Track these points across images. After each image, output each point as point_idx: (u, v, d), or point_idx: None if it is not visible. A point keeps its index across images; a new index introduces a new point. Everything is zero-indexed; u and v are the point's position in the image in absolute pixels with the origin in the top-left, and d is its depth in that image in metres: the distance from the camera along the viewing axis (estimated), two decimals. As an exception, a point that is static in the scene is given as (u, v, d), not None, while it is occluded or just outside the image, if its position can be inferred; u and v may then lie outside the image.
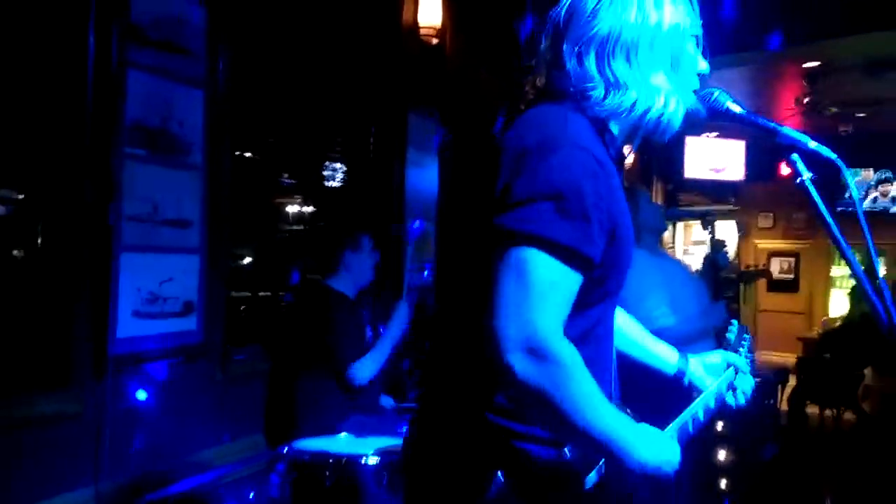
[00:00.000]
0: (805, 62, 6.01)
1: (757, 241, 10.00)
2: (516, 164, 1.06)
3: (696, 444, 1.58)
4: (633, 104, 1.13)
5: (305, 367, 2.73)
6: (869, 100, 6.96)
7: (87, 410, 2.33)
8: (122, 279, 2.37)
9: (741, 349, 1.60)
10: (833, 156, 1.20)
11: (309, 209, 3.76)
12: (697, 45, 1.24)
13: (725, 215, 9.80)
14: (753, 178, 8.37)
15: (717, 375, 1.53)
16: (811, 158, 1.23)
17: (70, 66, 2.28)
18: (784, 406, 6.29)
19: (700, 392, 1.49)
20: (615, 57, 1.13)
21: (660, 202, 9.39)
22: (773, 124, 1.25)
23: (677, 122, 1.20)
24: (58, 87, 2.28)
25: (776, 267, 9.38)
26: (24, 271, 2.29)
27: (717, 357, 1.57)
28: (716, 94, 1.28)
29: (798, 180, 1.22)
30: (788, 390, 6.41)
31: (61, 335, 2.30)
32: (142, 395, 2.49)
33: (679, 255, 9.62)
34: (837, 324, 8.53)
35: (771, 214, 9.79)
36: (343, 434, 2.55)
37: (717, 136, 8.11)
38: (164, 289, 2.52)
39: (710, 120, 1.32)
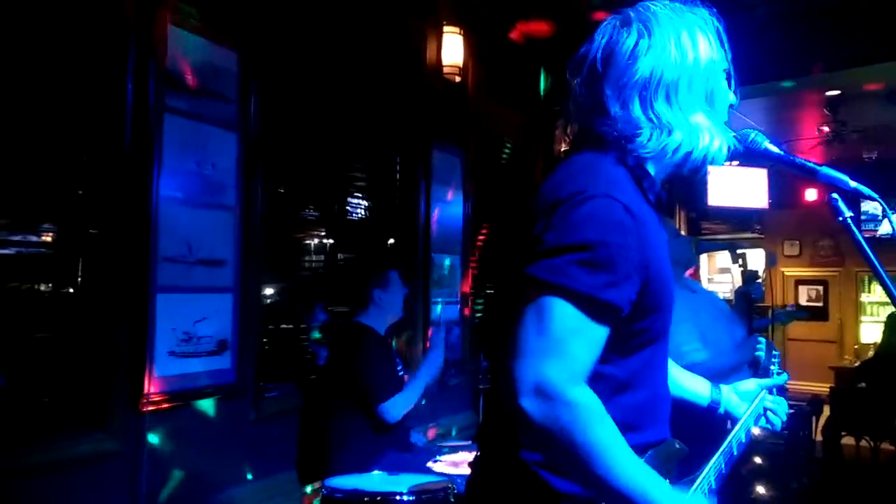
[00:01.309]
0: (826, 91, 6.01)
1: (784, 269, 9.88)
2: (548, 215, 1.07)
3: (732, 479, 1.57)
4: (679, 145, 1.14)
5: (338, 405, 2.75)
6: (888, 126, 6.93)
7: (125, 449, 2.35)
8: (158, 319, 2.41)
9: (772, 367, 1.62)
10: (873, 194, 1.20)
11: (336, 243, 3.80)
12: (728, 78, 1.24)
13: (751, 243, 9.72)
14: (777, 206, 8.31)
15: (750, 401, 1.57)
16: (849, 196, 1.24)
17: (109, 111, 2.35)
18: (819, 437, 6.15)
19: (735, 419, 1.52)
20: (657, 98, 1.14)
21: (683, 231, 9.36)
22: (811, 164, 1.26)
23: (721, 158, 1.20)
24: (98, 131, 2.36)
25: (804, 295, 9.25)
26: (63, 312, 2.34)
27: (750, 384, 1.61)
28: (752, 135, 1.30)
29: (840, 219, 1.22)
30: (822, 421, 6.27)
31: (100, 375, 2.33)
32: (177, 434, 2.50)
33: (704, 283, 9.52)
34: (871, 352, 8.38)
35: (797, 242, 9.68)
36: (376, 472, 2.54)
37: (739, 165, 8.10)
38: (198, 328, 2.55)
39: (747, 160, 1.33)
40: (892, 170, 8.28)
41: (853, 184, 1.22)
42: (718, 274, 9.60)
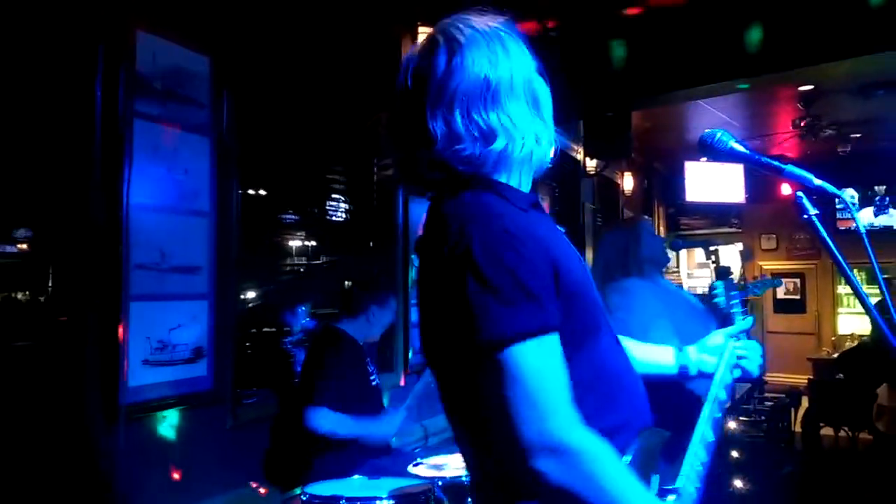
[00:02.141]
0: (799, 86, 6.08)
1: (761, 262, 9.99)
2: (451, 278, 1.01)
3: (711, 474, 1.57)
4: (508, 151, 1.11)
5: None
6: (862, 120, 7.03)
7: (99, 461, 2.32)
8: (131, 328, 2.38)
9: (734, 311, 1.60)
10: (838, 192, 1.22)
11: (316, 246, 3.79)
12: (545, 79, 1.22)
13: (729, 238, 9.82)
14: (754, 200, 8.40)
15: (720, 355, 1.53)
16: (815, 193, 1.25)
17: (78, 117, 2.32)
18: (798, 428, 6.24)
19: (710, 377, 1.49)
20: (482, 108, 1.10)
21: (662, 227, 9.43)
22: (776, 163, 1.27)
23: (547, 159, 1.19)
24: (66, 137, 2.32)
25: (781, 288, 9.36)
26: (33, 322, 2.30)
27: (717, 337, 1.58)
28: (719, 134, 1.30)
29: (805, 216, 1.23)
30: (801, 412, 6.36)
31: (72, 386, 2.30)
32: (153, 443, 2.48)
33: (683, 278, 9.60)
34: (848, 343, 8.51)
35: (774, 236, 9.79)
36: (356, 477, 2.53)
37: (708, 161, 8.19)
38: (173, 336, 2.53)
39: (713, 159, 1.33)
40: (866, 163, 8.40)
41: (818, 181, 1.23)
42: (697, 269, 9.69)
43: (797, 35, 4.37)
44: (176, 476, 2.55)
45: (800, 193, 1.23)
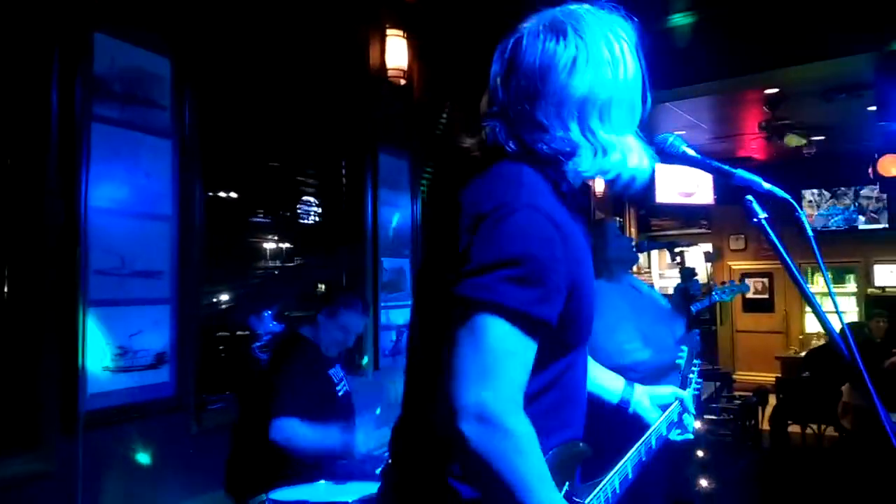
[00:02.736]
0: (765, 89, 6.18)
1: (730, 262, 10.14)
2: (473, 230, 1.04)
3: (673, 470, 1.59)
4: (613, 167, 1.14)
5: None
6: (826, 123, 7.17)
7: (58, 469, 2.27)
8: (90, 334, 2.34)
9: (691, 376, 1.63)
10: (786, 195, 1.23)
11: (284, 249, 3.76)
12: (644, 91, 1.23)
13: (698, 239, 9.94)
14: (723, 202, 8.52)
15: (662, 408, 1.56)
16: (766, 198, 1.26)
17: (33, 120, 2.27)
18: (766, 426, 6.33)
19: (643, 422, 1.52)
20: (593, 118, 1.13)
21: (633, 228, 9.52)
22: (727, 167, 1.28)
23: (646, 176, 1.20)
24: (20, 140, 2.27)
25: (751, 288, 9.50)
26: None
27: (666, 390, 1.60)
28: (671, 139, 1.31)
29: (755, 220, 1.25)
30: (769, 410, 6.46)
31: (29, 393, 2.25)
32: (113, 451, 2.43)
33: (655, 279, 9.70)
34: (814, 342, 8.66)
35: (742, 236, 9.94)
36: (322, 482, 2.51)
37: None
38: (134, 342, 2.49)
39: (665, 163, 1.34)
40: (830, 164, 8.57)
41: (767, 185, 1.24)
42: (668, 269, 9.79)
43: (761, 39, 4.45)
44: (138, 485, 2.51)
45: (749, 197, 1.24)
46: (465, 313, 1.01)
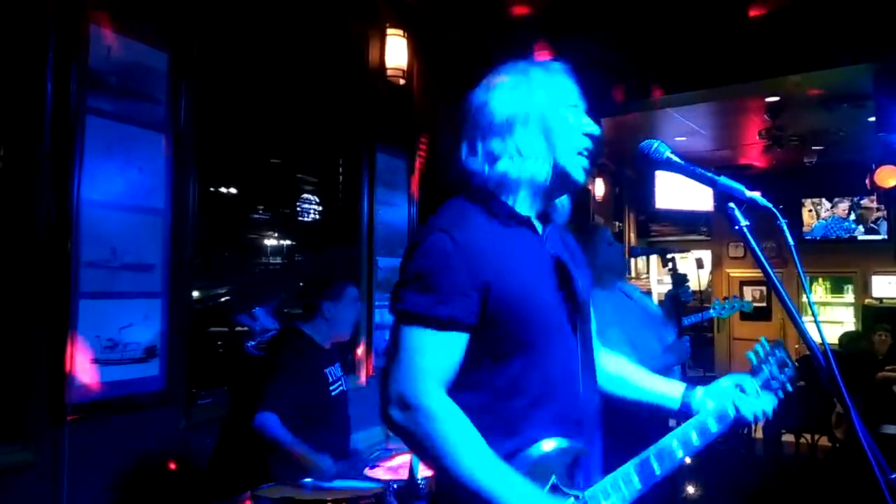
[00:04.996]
0: (766, 97, 6.18)
1: (728, 270, 10.13)
2: (404, 257, 1.31)
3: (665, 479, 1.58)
4: (513, 174, 1.32)
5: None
6: (827, 132, 7.16)
7: (44, 461, 2.27)
8: (79, 326, 2.34)
9: (765, 367, 1.59)
10: (768, 204, 1.23)
11: (284, 244, 3.76)
12: (580, 111, 1.39)
13: (698, 245, 9.94)
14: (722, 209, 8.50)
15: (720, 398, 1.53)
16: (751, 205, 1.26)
17: (27, 111, 2.27)
18: (759, 435, 6.32)
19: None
20: (493, 137, 1.34)
21: (632, 233, 9.52)
22: (710, 174, 1.28)
23: (570, 181, 1.37)
24: (14, 133, 2.27)
25: (749, 296, 9.48)
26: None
27: (727, 381, 1.58)
28: (656, 145, 1.32)
29: (736, 228, 1.25)
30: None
31: (16, 384, 2.25)
32: (101, 444, 2.43)
33: (653, 285, 9.70)
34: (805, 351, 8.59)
35: (741, 244, 9.89)
36: (308, 480, 2.51)
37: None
38: (123, 335, 2.49)
39: (650, 168, 1.35)
40: (830, 174, 8.57)
41: (749, 193, 1.25)
42: (666, 275, 9.79)
43: (763, 47, 4.45)
44: (125, 478, 2.51)
45: (731, 205, 1.25)
46: (393, 323, 1.28)
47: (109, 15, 2.46)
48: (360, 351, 3.86)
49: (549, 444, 1.26)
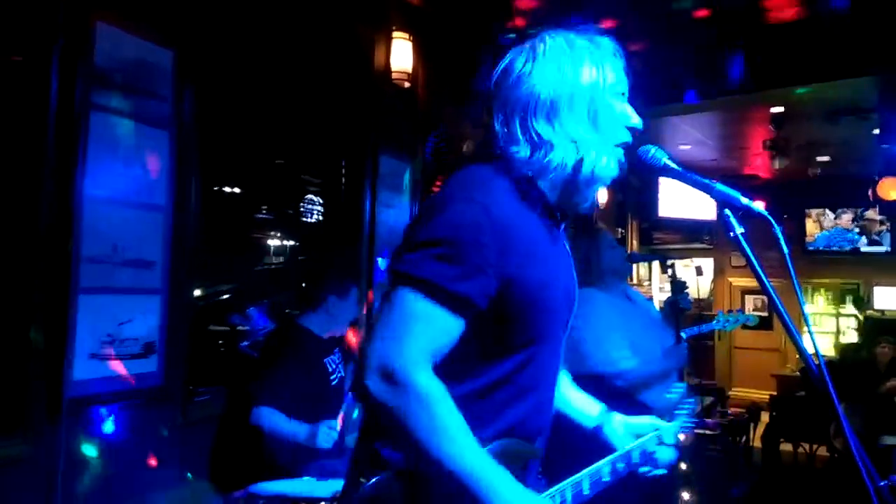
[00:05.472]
0: (771, 107, 6.18)
1: (731, 279, 10.11)
2: (417, 217, 1.17)
3: (658, 485, 1.57)
4: (557, 162, 1.20)
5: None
6: (830, 144, 7.16)
7: (41, 454, 2.28)
8: (79, 321, 2.35)
9: (680, 412, 1.58)
10: (763, 212, 1.24)
11: (287, 244, 3.78)
12: (626, 100, 1.29)
13: (701, 254, 9.92)
14: (726, 218, 8.49)
15: (635, 438, 1.50)
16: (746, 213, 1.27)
17: (32, 107, 2.29)
18: (757, 443, 6.31)
19: (612, 450, 1.46)
20: (537, 118, 1.21)
21: (635, 240, 9.51)
22: (706, 181, 1.28)
23: (607, 174, 1.26)
24: (18, 128, 2.29)
25: (750, 305, 9.47)
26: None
27: (645, 419, 1.55)
28: (653, 150, 1.31)
29: (731, 234, 1.25)
30: (761, 428, 6.44)
31: (15, 378, 2.26)
32: (98, 438, 2.44)
33: (654, 291, 9.69)
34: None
35: (743, 253, 9.91)
36: (305, 478, 2.52)
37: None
38: (123, 330, 2.50)
39: (647, 174, 1.35)
40: (835, 185, 8.56)
41: (745, 200, 1.24)
42: (668, 282, 9.78)
43: (769, 59, 4.45)
44: (121, 473, 2.52)
45: (727, 212, 1.25)
46: (391, 286, 1.13)
47: (115, 12, 2.47)
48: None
49: (511, 445, 1.21)
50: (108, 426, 2.49)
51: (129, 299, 2.53)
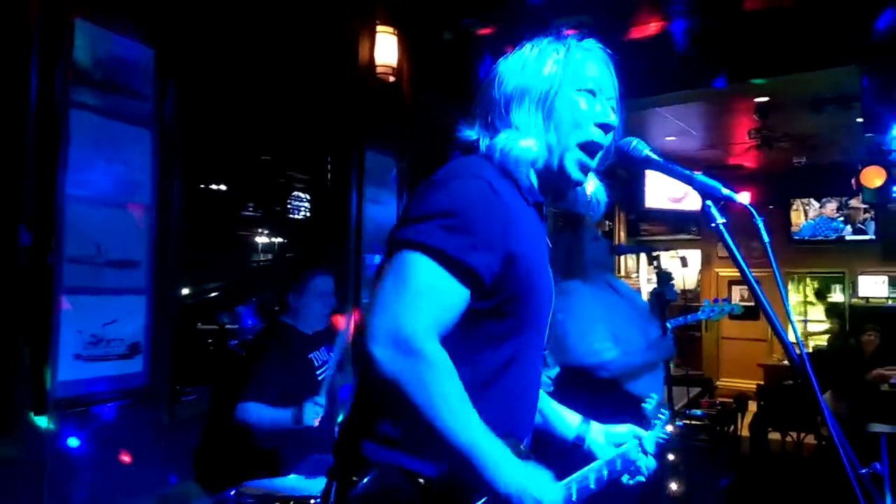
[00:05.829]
0: (755, 97, 6.21)
1: (717, 269, 10.18)
2: (419, 192, 1.16)
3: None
4: (521, 155, 1.22)
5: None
6: (815, 133, 7.21)
7: (27, 455, 2.27)
8: (63, 322, 2.33)
9: (657, 422, 1.59)
10: (744, 202, 1.24)
11: (276, 241, 3.77)
12: (600, 98, 1.30)
13: (688, 245, 9.98)
14: (712, 208, 8.53)
15: (615, 446, 1.50)
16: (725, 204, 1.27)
17: (11, 106, 2.26)
18: (745, 433, 6.36)
19: (594, 459, 1.45)
20: (496, 110, 1.27)
21: (623, 232, 9.55)
22: (688, 172, 1.29)
23: (570, 172, 1.28)
24: (-1, 126, 2.27)
25: (737, 295, 9.54)
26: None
27: (623, 428, 1.54)
28: (634, 142, 1.32)
29: (713, 225, 1.26)
30: (749, 417, 6.49)
31: (0, 379, 2.24)
32: (84, 439, 2.43)
33: (643, 283, 9.74)
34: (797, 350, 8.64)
35: (731, 243, 9.98)
36: (292, 476, 2.51)
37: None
38: (107, 331, 2.48)
39: (629, 166, 1.36)
40: (819, 174, 8.62)
41: (725, 191, 1.25)
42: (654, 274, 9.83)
43: (753, 48, 4.47)
44: (108, 474, 2.50)
45: (708, 202, 1.26)
46: (396, 252, 1.10)
47: (94, 9, 2.45)
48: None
49: (511, 442, 1.16)
50: (95, 427, 2.47)
51: (114, 299, 2.51)
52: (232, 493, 2.38)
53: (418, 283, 1.06)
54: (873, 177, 4.33)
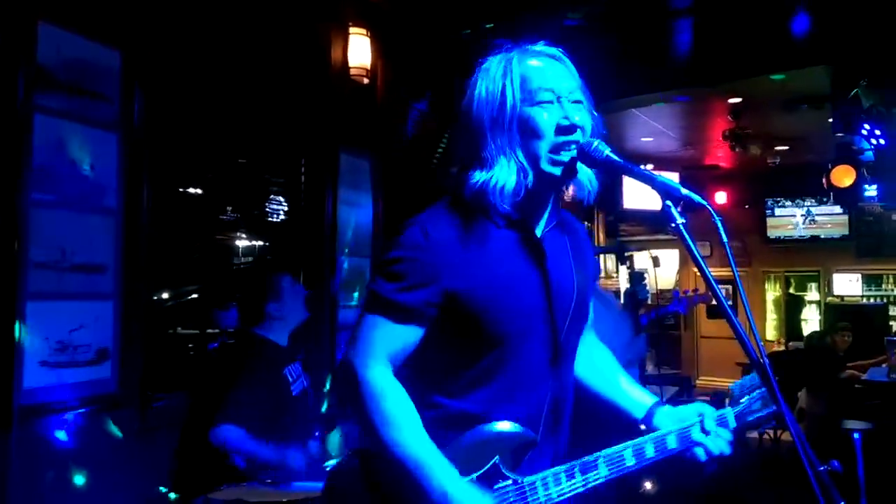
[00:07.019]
0: (729, 98, 6.27)
1: (695, 269, 10.25)
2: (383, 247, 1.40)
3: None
4: (496, 178, 1.29)
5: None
6: (788, 134, 7.30)
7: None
8: (28, 328, 2.29)
9: (744, 399, 1.53)
10: (703, 202, 1.25)
11: (256, 244, 3.75)
12: (557, 106, 1.31)
13: (667, 245, 10.04)
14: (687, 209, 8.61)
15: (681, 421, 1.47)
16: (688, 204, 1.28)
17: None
18: (723, 430, 6.41)
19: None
20: (467, 143, 1.35)
21: (602, 233, 9.60)
22: (648, 173, 1.30)
23: (554, 176, 1.33)
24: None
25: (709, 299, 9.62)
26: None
27: (691, 409, 1.51)
28: (595, 143, 1.32)
29: (672, 225, 1.26)
30: (727, 415, 6.54)
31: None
32: (51, 447, 2.39)
33: (622, 284, 9.79)
34: (774, 347, 8.80)
35: (707, 243, 10.00)
36: (269, 481, 2.48)
37: (653, 168, 8.36)
38: (74, 337, 2.44)
39: (591, 168, 1.36)
40: (793, 174, 8.73)
41: (684, 191, 1.26)
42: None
43: (725, 49, 4.51)
44: (76, 481, 2.46)
45: (668, 203, 1.26)
46: (366, 297, 1.37)
47: (59, 11, 2.41)
48: (324, 351, 3.83)
49: (503, 425, 1.31)
50: (61, 434, 2.43)
51: (80, 305, 2.47)
52: (202, 500, 2.36)
53: (364, 323, 1.33)
54: (842, 176, 4.40)
